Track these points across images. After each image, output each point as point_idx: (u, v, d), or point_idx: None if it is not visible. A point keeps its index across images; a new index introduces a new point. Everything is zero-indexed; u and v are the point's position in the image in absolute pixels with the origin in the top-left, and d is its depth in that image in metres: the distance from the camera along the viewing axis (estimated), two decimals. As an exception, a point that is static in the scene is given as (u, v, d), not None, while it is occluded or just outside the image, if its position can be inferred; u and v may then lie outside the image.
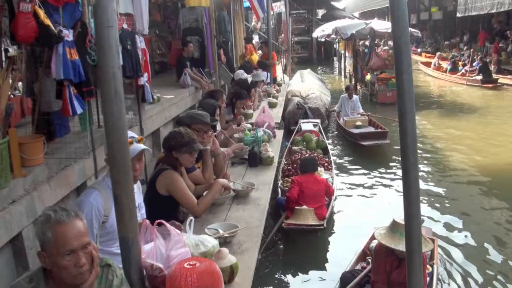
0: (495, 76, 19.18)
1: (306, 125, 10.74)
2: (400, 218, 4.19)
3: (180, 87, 9.36)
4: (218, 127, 6.11)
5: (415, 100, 2.43)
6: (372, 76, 16.72)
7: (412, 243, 2.52)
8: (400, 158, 2.54)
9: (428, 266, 5.00)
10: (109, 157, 2.51)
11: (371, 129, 11.27)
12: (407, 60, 2.37)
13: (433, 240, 5.47)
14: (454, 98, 17.66)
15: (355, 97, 12.61)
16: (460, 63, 22.01)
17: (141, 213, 3.38)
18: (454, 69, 21.63)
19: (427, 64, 24.38)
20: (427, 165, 9.69)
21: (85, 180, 4.74)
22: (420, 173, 8.10)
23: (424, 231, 5.60)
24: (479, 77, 19.09)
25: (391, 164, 9.82)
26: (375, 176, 9.15)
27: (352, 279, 4.85)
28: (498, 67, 20.13)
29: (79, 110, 4.30)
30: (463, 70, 20.84)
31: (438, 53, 25.31)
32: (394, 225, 4.32)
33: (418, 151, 2.56)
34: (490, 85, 18.45)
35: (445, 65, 22.76)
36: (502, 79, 18.81)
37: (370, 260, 5.09)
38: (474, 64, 20.20)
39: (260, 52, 16.74)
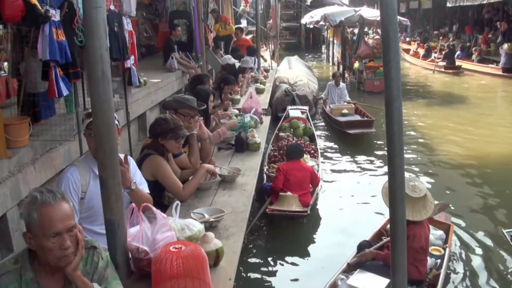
0: (460, 62, 21.11)
1: (294, 112, 10.76)
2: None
3: (166, 71, 9.32)
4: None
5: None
6: (360, 64, 16.76)
7: (396, 230, 2.55)
8: (385, 147, 2.56)
9: (439, 248, 5.17)
10: (96, 139, 2.51)
11: (357, 118, 11.32)
12: (395, 48, 2.38)
13: (449, 226, 5.65)
14: (427, 83, 19.09)
15: (342, 84, 12.65)
16: (434, 50, 23.53)
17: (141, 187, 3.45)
18: (426, 55, 23.45)
19: (406, 51, 25.89)
20: (412, 153, 9.79)
21: (70, 163, 4.72)
22: (406, 163, 8.18)
23: (443, 217, 5.86)
24: (443, 63, 21.08)
25: (376, 152, 9.90)
26: (360, 164, 9.22)
27: (369, 246, 4.96)
28: (480, 57, 20.72)
29: (65, 92, 4.27)
30: (432, 57, 22.64)
31: (426, 44, 25.79)
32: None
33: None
34: (451, 71, 20.42)
35: (422, 52, 24.44)
36: (466, 65, 20.81)
37: (385, 240, 5.17)
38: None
39: (248, 37, 16.68)
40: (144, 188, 3.51)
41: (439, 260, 5.03)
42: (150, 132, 4.13)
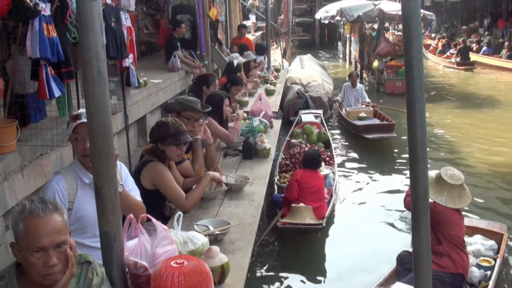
0: (484, 58, 22.14)
1: (307, 117, 10.75)
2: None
3: (169, 71, 9.36)
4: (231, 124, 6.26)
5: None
6: (380, 63, 16.74)
7: (420, 242, 2.54)
8: (407, 153, 2.56)
9: (489, 259, 5.26)
10: (90, 144, 2.52)
11: (376, 121, 11.30)
12: (418, 44, 2.37)
13: (502, 236, 5.73)
14: (441, 80, 19.88)
15: (359, 85, 12.63)
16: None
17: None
18: (443, 51, 24.38)
19: (426, 47, 26.28)
20: (436, 160, 9.74)
21: (62, 170, 4.74)
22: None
23: (497, 226, 5.98)
24: (457, 60, 22.15)
25: (397, 159, 9.87)
26: (380, 172, 9.21)
27: (410, 258, 4.96)
28: (511, 52, 20.92)
29: (57, 93, 4.29)
30: (448, 53, 23.55)
31: (445, 39, 26.20)
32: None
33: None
34: (463, 67, 21.52)
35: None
36: (493, 61, 21.72)
37: None
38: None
39: (257, 34, 16.72)
40: (136, 196, 3.51)
41: (489, 272, 5.07)
42: (151, 137, 4.15)
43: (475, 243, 5.48)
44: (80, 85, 5.34)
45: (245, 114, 6.96)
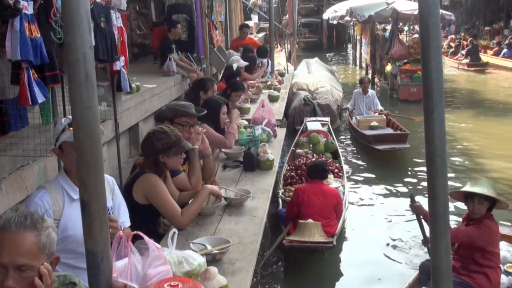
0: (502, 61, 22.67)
1: (313, 124, 10.75)
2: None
3: (163, 75, 9.38)
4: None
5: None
6: (393, 67, 16.76)
7: (440, 266, 2.51)
8: (424, 166, 2.54)
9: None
10: (78, 155, 2.50)
11: (389, 131, 11.30)
12: (436, 45, 2.36)
13: None
14: (457, 84, 20.19)
15: (371, 92, 12.64)
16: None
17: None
18: (455, 52, 25.03)
19: None
20: (456, 172, 9.73)
21: (46, 184, 4.72)
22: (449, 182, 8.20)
23: None
24: (466, 61, 22.93)
25: (411, 172, 9.85)
26: (393, 186, 9.20)
27: None
28: None
29: (40, 98, 4.27)
30: (460, 54, 24.24)
31: (457, 40, 26.71)
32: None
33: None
34: (473, 68, 22.41)
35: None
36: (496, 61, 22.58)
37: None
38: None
39: (260, 35, 16.76)
40: (124, 215, 3.48)
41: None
42: (145, 150, 4.09)
43: (501, 250, 5.53)
44: (66, 90, 5.34)
45: (246, 122, 6.95)
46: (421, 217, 5.01)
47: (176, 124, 4.56)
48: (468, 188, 4.77)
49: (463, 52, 24.04)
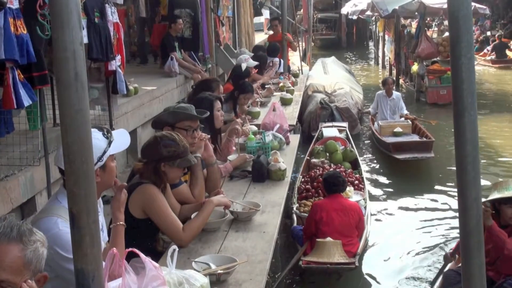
0: None
1: (329, 131, 10.69)
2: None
3: (164, 76, 9.43)
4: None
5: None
6: (420, 66, 16.71)
7: None
8: (454, 176, 2.52)
9: None
10: (66, 163, 2.50)
11: (413, 138, 11.25)
12: (468, 40, 2.35)
13: None
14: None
15: (395, 94, 12.58)
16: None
17: (103, 236, 3.37)
18: (481, 49, 25.58)
19: None
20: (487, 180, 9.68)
21: (33, 195, 4.73)
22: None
23: None
24: (492, 57, 23.57)
25: (439, 183, 9.83)
26: (419, 199, 9.19)
27: (458, 277, 5.07)
28: None
29: (26, 101, 4.29)
30: (485, 50, 24.97)
31: (483, 35, 27.48)
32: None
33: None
34: (497, 65, 23.13)
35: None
36: None
37: None
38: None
39: (270, 32, 16.80)
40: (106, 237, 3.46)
41: None
42: (147, 154, 4.09)
43: None
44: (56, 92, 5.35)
45: (255, 128, 6.94)
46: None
47: (178, 129, 4.56)
48: (502, 193, 4.80)
49: (489, 48, 24.64)
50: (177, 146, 4.01)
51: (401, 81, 18.35)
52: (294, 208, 7.37)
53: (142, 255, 2.80)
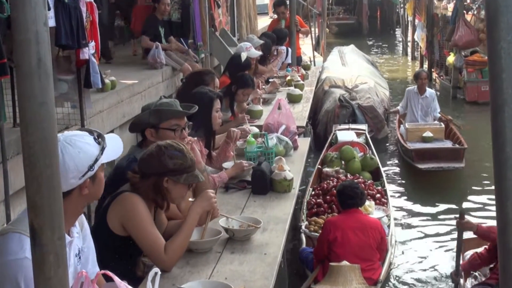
0: None
1: (345, 134, 10.67)
2: None
3: (148, 67, 9.42)
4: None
5: None
6: (457, 57, 16.73)
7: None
8: (491, 187, 2.54)
9: None
10: (25, 166, 2.51)
11: (445, 144, 11.26)
12: (508, 21, 2.35)
13: None
14: None
15: (429, 92, 12.50)
16: None
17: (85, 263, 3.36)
18: None
19: None
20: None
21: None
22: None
23: None
24: None
25: (473, 197, 9.89)
26: (451, 214, 9.21)
27: None
28: None
29: (-18, 95, 4.33)
30: None
31: None
32: None
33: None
34: None
35: None
36: None
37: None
38: None
39: (274, 16, 16.79)
40: (94, 262, 3.46)
41: None
42: (147, 167, 4.04)
43: None
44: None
45: (256, 130, 6.94)
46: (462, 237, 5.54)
47: (163, 130, 4.58)
48: None
49: None
50: (184, 159, 3.97)
51: (434, 75, 18.37)
52: (303, 227, 7.37)
53: (116, 278, 2.81)
